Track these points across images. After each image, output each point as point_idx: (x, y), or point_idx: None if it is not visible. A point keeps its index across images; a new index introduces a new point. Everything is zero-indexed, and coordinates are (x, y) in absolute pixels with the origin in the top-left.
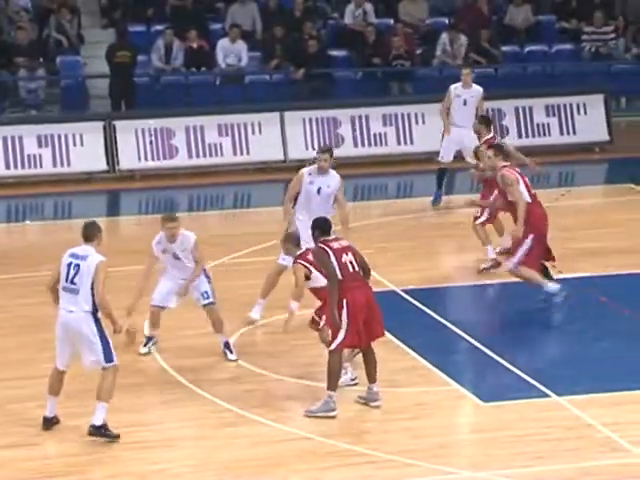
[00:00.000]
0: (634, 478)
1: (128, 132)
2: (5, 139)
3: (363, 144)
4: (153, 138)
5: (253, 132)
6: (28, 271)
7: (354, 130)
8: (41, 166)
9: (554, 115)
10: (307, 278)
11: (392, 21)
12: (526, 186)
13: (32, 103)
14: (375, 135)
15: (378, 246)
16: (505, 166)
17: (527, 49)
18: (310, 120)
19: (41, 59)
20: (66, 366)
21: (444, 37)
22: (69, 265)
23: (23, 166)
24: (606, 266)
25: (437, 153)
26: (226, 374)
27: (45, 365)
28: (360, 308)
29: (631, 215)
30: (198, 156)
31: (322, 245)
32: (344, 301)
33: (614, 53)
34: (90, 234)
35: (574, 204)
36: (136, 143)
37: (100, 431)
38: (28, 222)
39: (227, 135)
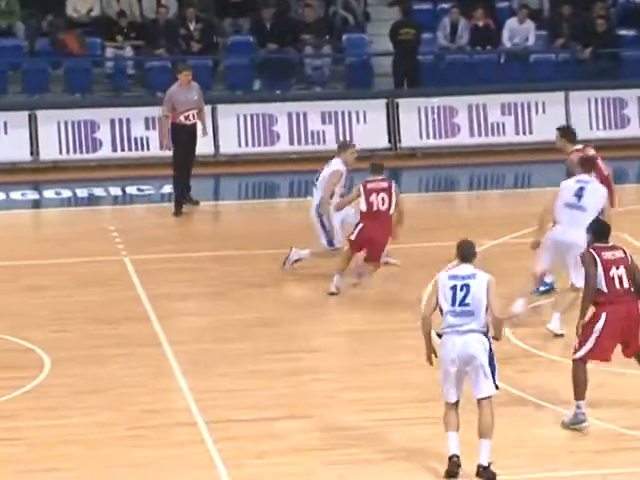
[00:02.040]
0: None
1: (411, 110)
2: (290, 115)
3: None
4: (436, 116)
5: (537, 112)
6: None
7: None
8: (324, 142)
9: None
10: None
11: None
12: None
13: (317, 80)
14: None
15: None
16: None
17: None
18: (596, 100)
19: (327, 36)
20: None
21: None
22: (454, 288)
23: (307, 142)
24: None
25: None
26: (501, 354)
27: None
28: (618, 326)
29: None
30: (480, 135)
31: (592, 252)
32: (603, 315)
33: None
34: (470, 253)
35: None
36: (418, 121)
37: (487, 473)
38: (309, 197)
39: (510, 114)
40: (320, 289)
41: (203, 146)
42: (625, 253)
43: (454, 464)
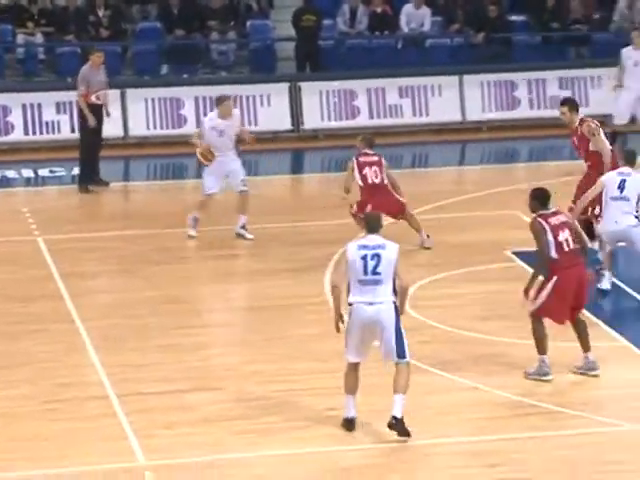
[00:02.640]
0: None
1: (313, 93)
2: (196, 99)
3: (539, 107)
4: (336, 99)
5: (433, 94)
6: (217, 225)
7: (530, 93)
8: None
9: None
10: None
11: None
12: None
13: (223, 65)
14: (551, 98)
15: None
16: (585, 119)
17: None
18: (488, 83)
19: (232, 23)
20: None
21: (622, 1)
22: (364, 257)
23: None
24: None
25: (606, 116)
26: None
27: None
28: (569, 288)
29: None
30: (379, 117)
31: (540, 220)
32: (554, 277)
33: None
34: (378, 225)
35: None
36: (319, 104)
37: (400, 425)
38: None
39: (407, 97)
40: (222, 267)
41: (113, 128)
42: (566, 216)
43: (349, 423)
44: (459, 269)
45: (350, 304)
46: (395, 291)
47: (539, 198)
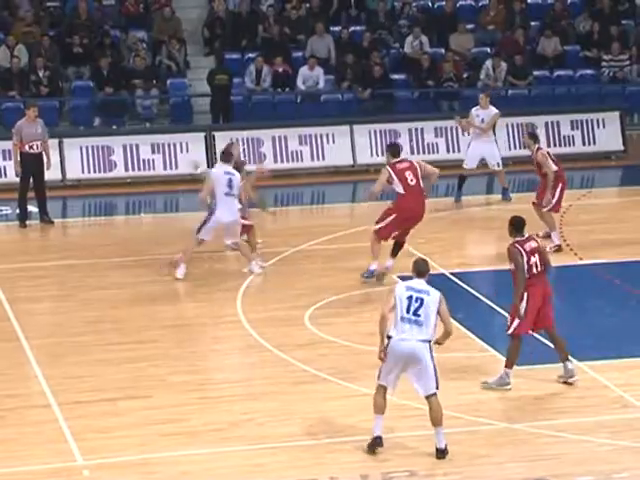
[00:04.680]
0: None
1: (225, 141)
2: (125, 146)
3: (418, 152)
4: (246, 146)
5: (327, 142)
6: (144, 255)
7: (411, 140)
8: (154, 169)
9: (578, 128)
10: None
11: (443, 50)
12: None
13: (147, 117)
14: (428, 144)
15: (429, 236)
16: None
17: (555, 74)
18: (375, 132)
19: (154, 81)
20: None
21: (487, 63)
22: (410, 298)
23: (139, 169)
24: (620, 254)
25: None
26: (304, 341)
27: (155, 332)
28: (536, 304)
29: None
30: (282, 161)
31: (517, 245)
32: (525, 295)
33: (628, 77)
34: (425, 270)
35: (594, 203)
36: None
37: (444, 454)
38: (143, 214)
39: (306, 144)
40: (149, 290)
41: (52, 173)
42: (537, 242)
43: (376, 442)
44: (355, 291)
45: (389, 337)
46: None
47: (515, 225)
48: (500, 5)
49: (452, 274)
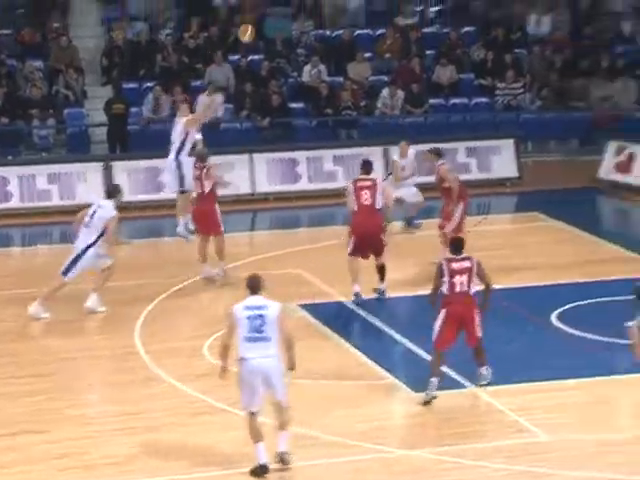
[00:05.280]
0: (536, 454)
1: (123, 171)
2: (21, 177)
3: (317, 180)
4: (143, 176)
5: (226, 171)
6: (40, 287)
7: (309, 169)
8: (50, 200)
9: (473, 156)
10: None
11: (341, 79)
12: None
13: (43, 147)
14: (327, 173)
15: (329, 265)
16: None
17: (451, 102)
18: (274, 160)
19: (51, 110)
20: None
21: (384, 92)
22: (249, 317)
23: (36, 200)
24: (517, 280)
25: None
26: (202, 371)
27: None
28: (454, 322)
29: (536, 238)
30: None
31: (444, 262)
32: (443, 311)
33: (522, 105)
34: (258, 286)
35: (490, 229)
36: (129, 180)
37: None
38: (39, 246)
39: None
40: (46, 325)
41: None
42: (472, 263)
43: (262, 471)
44: None
45: (240, 359)
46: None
47: (453, 245)
48: (396, 34)
49: (353, 301)
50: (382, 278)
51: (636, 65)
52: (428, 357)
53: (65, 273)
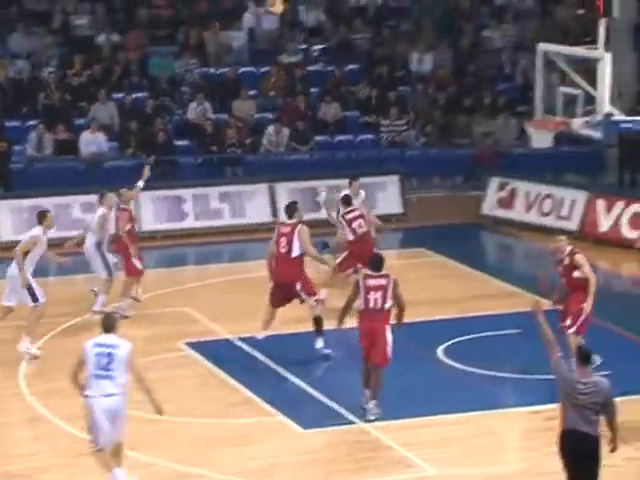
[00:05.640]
0: None
1: (6, 210)
2: None
3: (203, 218)
4: (27, 215)
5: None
6: None
7: (195, 206)
8: None
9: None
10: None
11: (226, 116)
12: None
13: None
14: (213, 210)
15: (215, 302)
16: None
17: (336, 139)
18: (159, 198)
19: None
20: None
21: (270, 129)
22: (98, 354)
23: None
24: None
25: (263, 224)
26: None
27: None
28: (364, 336)
29: (422, 274)
30: (65, 229)
31: (361, 278)
32: (357, 324)
33: (407, 141)
34: (111, 325)
35: None
36: (12, 220)
37: None
38: None
39: (91, 212)
40: None
41: None
42: (388, 281)
43: None
44: (140, 359)
45: (85, 396)
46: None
47: (372, 262)
48: (281, 72)
49: (239, 339)
50: (317, 331)
51: (516, 102)
52: (316, 393)
53: (35, 300)
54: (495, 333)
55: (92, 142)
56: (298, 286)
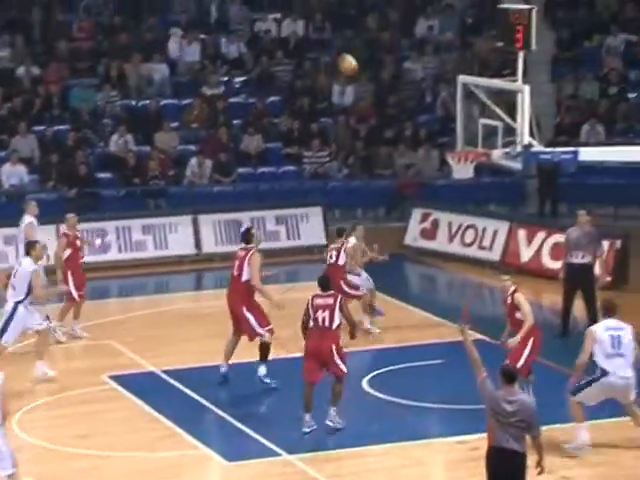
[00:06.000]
0: None
1: None
2: None
3: (127, 250)
4: None
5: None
6: None
7: (118, 238)
8: None
9: (282, 224)
10: None
11: (149, 148)
12: None
13: None
14: (136, 242)
15: (139, 335)
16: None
17: (259, 170)
18: (82, 231)
19: None
20: None
21: (193, 161)
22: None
23: None
24: None
25: (187, 256)
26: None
27: None
28: (312, 352)
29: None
30: None
31: (311, 298)
32: (305, 343)
33: (329, 173)
34: None
35: (299, 296)
36: None
37: None
38: None
39: (12, 245)
40: None
41: None
42: (335, 300)
43: None
44: (61, 393)
45: None
46: None
47: (320, 284)
48: (203, 104)
49: (163, 371)
50: (261, 358)
51: (437, 134)
52: (240, 425)
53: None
54: (419, 363)
55: (13, 174)
56: (244, 309)
